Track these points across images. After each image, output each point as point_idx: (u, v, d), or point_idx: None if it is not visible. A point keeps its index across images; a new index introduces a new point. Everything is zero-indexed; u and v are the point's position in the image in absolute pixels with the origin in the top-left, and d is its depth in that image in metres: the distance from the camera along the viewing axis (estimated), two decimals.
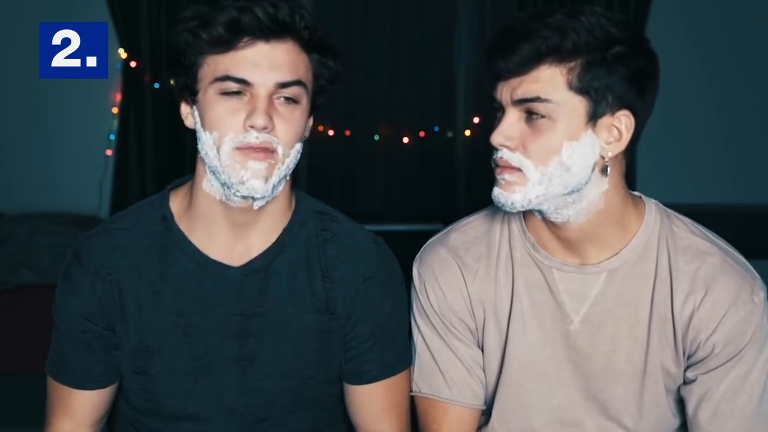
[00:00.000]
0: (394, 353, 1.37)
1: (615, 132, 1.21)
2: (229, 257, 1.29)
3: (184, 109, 1.25)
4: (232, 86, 1.17)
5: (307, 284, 1.31)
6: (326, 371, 1.35)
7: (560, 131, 1.18)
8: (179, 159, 3.81)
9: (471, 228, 1.38)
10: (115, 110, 3.94)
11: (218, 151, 1.18)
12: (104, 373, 1.34)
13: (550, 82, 1.17)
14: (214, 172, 1.21)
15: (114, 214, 1.41)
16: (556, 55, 1.16)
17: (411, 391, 1.40)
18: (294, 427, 1.36)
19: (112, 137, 3.97)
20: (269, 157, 1.19)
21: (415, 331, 1.40)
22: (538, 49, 1.16)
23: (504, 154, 1.21)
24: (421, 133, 4.11)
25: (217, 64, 1.18)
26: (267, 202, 1.25)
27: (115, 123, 3.94)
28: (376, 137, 4.07)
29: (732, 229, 1.72)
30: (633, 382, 1.29)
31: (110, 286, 1.29)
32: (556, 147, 1.18)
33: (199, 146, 1.23)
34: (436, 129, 4.16)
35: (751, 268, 1.29)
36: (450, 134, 4.16)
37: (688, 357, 1.28)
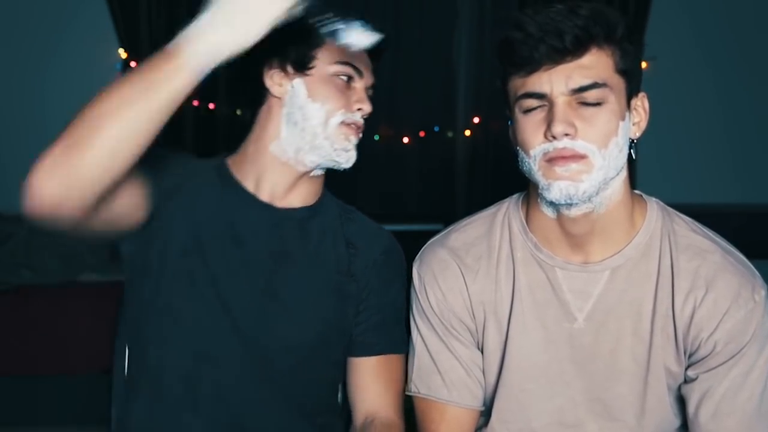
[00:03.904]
0: (399, 333, 1.46)
1: (641, 112, 1.26)
2: (272, 201, 1.40)
3: (276, 78, 1.37)
4: (350, 72, 1.37)
5: (332, 248, 1.43)
6: (338, 337, 1.42)
7: (615, 111, 1.20)
8: None
9: (471, 228, 1.38)
10: None
11: (327, 120, 1.35)
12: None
13: (602, 65, 1.19)
14: (310, 135, 1.35)
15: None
16: (605, 36, 1.19)
17: (409, 391, 1.41)
18: (299, 394, 1.39)
19: None
20: (359, 135, 1.40)
21: (414, 332, 1.40)
22: (589, 30, 1.17)
23: (567, 144, 1.19)
24: (421, 133, 4.11)
25: (335, 50, 1.35)
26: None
27: None
28: (376, 137, 4.07)
29: (733, 229, 1.72)
30: (637, 381, 1.29)
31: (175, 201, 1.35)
32: (614, 128, 1.20)
33: (293, 113, 1.35)
34: (436, 129, 4.16)
35: (752, 266, 1.29)
36: (450, 134, 4.16)
37: (690, 356, 1.28)
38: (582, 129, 1.18)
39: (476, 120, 4.10)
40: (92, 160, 1.05)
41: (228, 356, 1.34)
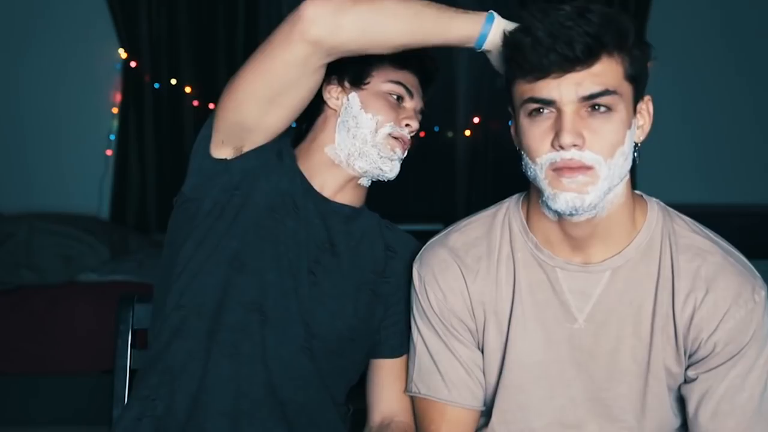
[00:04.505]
0: None
1: (645, 116, 1.26)
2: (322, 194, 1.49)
3: (333, 93, 1.49)
4: (400, 91, 1.49)
5: (370, 248, 1.51)
6: (365, 336, 1.47)
7: (623, 120, 1.19)
8: (179, 158, 3.81)
9: (471, 228, 1.38)
10: (115, 110, 3.94)
11: (376, 130, 1.46)
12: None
13: (612, 72, 1.17)
14: (360, 141, 1.45)
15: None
16: (613, 44, 1.16)
17: (409, 391, 1.41)
18: (328, 379, 1.44)
19: (112, 137, 3.96)
20: (404, 150, 1.50)
21: (414, 332, 1.40)
22: (599, 37, 1.15)
23: (574, 155, 1.18)
24: (421, 134, 4.10)
25: (390, 71, 1.49)
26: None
27: (115, 123, 3.94)
28: None
29: (733, 230, 1.72)
30: (637, 381, 1.29)
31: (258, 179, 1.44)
32: (621, 137, 1.19)
33: (347, 122, 1.47)
34: (436, 129, 4.16)
35: (752, 267, 1.29)
36: (450, 134, 4.16)
37: (689, 356, 1.28)
38: (590, 139, 1.17)
39: (476, 120, 4.10)
40: (358, 22, 1.28)
41: (280, 315, 1.39)
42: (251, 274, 1.39)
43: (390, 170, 1.48)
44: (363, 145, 1.46)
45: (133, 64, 3.85)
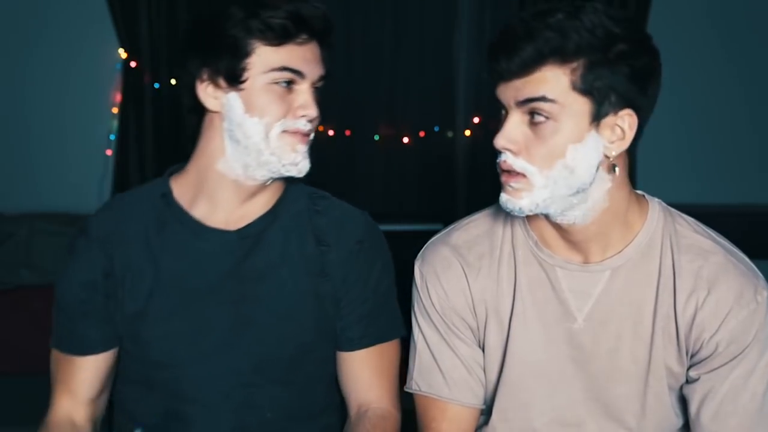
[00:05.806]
0: (385, 320, 1.44)
1: (618, 131, 1.20)
2: (227, 224, 1.36)
3: (209, 91, 1.30)
4: (288, 77, 1.28)
5: (298, 249, 1.38)
6: (325, 341, 1.41)
7: (565, 134, 1.17)
8: (179, 159, 3.81)
9: (473, 226, 1.38)
10: (115, 110, 3.94)
11: (267, 134, 1.28)
12: (102, 340, 1.37)
13: (554, 82, 1.16)
14: (255, 152, 1.28)
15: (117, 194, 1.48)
16: (558, 56, 1.15)
17: (410, 388, 1.40)
18: (295, 400, 1.39)
19: (112, 137, 3.96)
20: (308, 141, 1.32)
21: (415, 329, 1.40)
22: (540, 51, 1.15)
23: (507, 158, 1.20)
24: (421, 133, 4.11)
25: (269, 54, 1.26)
26: None
27: (115, 123, 3.93)
28: (376, 137, 4.07)
29: (734, 230, 1.72)
30: (637, 381, 1.29)
31: (112, 253, 1.34)
32: (561, 151, 1.18)
33: (233, 130, 1.29)
34: (436, 129, 4.16)
35: (754, 267, 1.29)
36: (450, 134, 4.15)
37: (691, 356, 1.28)
38: (526, 148, 1.19)
39: (476, 120, 4.10)
40: None
41: (200, 411, 1.35)
42: (170, 372, 1.35)
43: (299, 171, 1.32)
44: (259, 155, 1.28)
45: (133, 64, 3.84)
